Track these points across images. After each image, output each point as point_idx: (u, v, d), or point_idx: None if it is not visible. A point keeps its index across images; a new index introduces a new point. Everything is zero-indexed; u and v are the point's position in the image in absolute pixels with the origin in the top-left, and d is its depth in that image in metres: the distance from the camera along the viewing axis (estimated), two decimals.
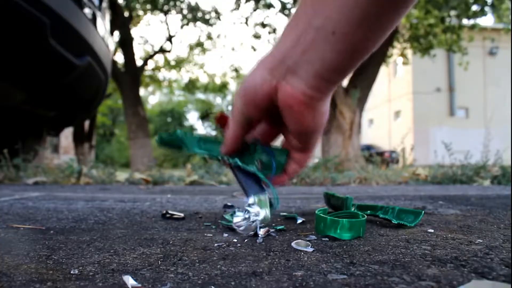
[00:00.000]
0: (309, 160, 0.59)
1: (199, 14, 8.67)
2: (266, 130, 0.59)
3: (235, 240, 0.56)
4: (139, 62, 9.13)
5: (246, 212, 0.57)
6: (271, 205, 0.58)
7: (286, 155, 0.58)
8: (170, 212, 0.80)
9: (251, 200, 0.56)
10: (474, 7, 6.51)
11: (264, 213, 0.56)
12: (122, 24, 7.60)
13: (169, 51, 10.24)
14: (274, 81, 0.47)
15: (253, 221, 0.57)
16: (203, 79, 14.43)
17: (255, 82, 0.48)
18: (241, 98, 0.51)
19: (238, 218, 0.58)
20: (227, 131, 0.56)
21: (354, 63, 0.45)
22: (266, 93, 0.48)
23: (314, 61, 0.44)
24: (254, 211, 0.56)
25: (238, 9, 7.42)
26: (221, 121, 0.59)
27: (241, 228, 0.58)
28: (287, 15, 7.07)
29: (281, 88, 0.47)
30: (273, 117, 0.53)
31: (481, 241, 0.55)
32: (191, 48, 11.37)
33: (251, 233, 0.57)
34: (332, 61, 0.43)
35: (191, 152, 0.58)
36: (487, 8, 6.45)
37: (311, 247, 0.51)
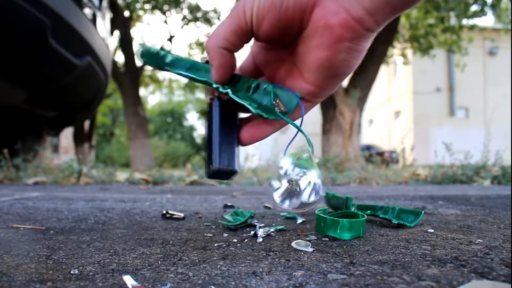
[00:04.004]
0: (307, 111, 0.48)
1: (200, 14, 8.67)
2: (247, 72, 0.50)
3: (235, 240, 0.56)
4: (139, 62, 9.13)
5: (286, 179, 0.43)
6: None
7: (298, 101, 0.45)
8: (170, 212, 0.80)
9: (283, 162, 0.43)
10: (474, 7, 6.51)
11: (314, 171, 0.43)
12: (122, 24, 7.60)
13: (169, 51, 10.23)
14: None
15: (303, 189, 0.43)
16: None
17: None
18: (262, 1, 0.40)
19: (278, 192, 0.43)
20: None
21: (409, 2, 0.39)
22: (298, 4, 0.39)
23: None
24: (297, 173, 0.42)
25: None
26: None
27: (287, 205, 0.42)
28: None
29: (323, 4, 0.39)
30: (269, 55, 0.46)
31: (481, 241, 0.55)
32: (191, 47, 11.37)
33: (309, 206, 0.42)
34: None
35: (176, 73, 0.47)
36: (486, 8, 6.45)
37: (311, 247, 0.51)
